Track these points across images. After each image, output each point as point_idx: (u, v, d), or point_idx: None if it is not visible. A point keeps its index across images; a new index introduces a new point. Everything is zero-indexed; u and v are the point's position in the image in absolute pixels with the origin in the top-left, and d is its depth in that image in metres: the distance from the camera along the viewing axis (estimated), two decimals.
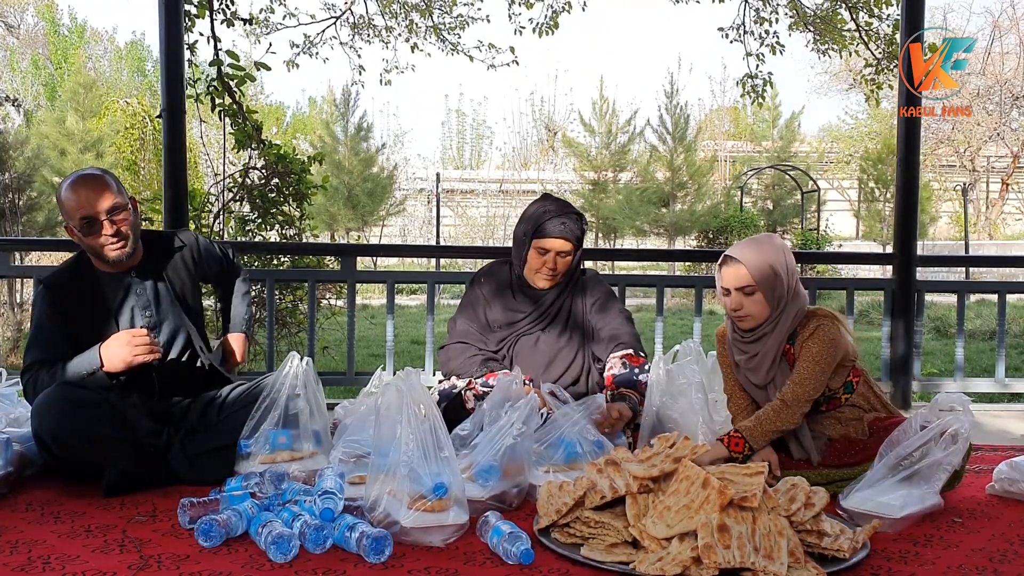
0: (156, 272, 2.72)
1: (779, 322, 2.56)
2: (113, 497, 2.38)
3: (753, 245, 2.57)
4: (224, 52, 5.56)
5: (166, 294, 2.71)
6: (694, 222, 15.70)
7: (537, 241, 2.80)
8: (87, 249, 2.61)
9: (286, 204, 5.84)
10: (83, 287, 2.63)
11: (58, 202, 2.59)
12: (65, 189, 2.56)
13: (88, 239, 2.55)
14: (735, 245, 2.62)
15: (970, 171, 21.15)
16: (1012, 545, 2.15)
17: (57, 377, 2.49)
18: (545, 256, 2.80)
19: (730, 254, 2.57)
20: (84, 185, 2.55)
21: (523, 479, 2.34)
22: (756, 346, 2.61)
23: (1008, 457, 2.69)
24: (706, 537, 1.79)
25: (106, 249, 2.56)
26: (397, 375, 2.20)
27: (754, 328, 2.58)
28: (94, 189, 2.54)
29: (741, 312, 2.55)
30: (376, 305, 12.25)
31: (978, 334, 8.71)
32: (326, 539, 2.01)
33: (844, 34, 7.30)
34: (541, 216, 2.81)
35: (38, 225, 11.67)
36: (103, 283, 2.65)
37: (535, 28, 7.51)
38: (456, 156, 27.15)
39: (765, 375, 2.60)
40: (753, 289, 2.52)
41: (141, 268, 2.69)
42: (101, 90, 18.44)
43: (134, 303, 2.66)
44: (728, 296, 2.57)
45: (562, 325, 2.93)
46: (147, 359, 2.47)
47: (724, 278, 2.56)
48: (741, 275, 2.52)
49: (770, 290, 2.52)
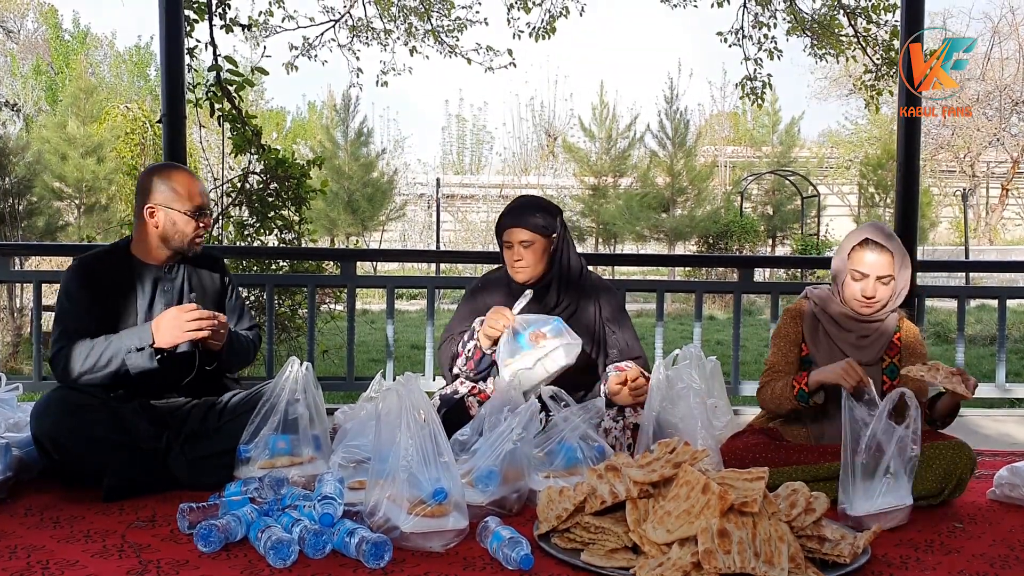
0: (186, 275, 2.77)
1: (885, 317, 2.67)
2: (112, 502, 2.37)
3: (885, 232, 2.62)
4: (223, 58, 5.58)
5: (188, 297, 2.75)
6: (694, 227, 15.71)
7: (502, 236, 2.88)
8: (167, 235, 2.66)
9: (285, 209, 5.84)
10: (118, 271, 2.67)
11: (159, 183, 2.66)
12: (183, 177, 2.68)
13: (187, 225, 2.65)
14: (871, 228, 2.64)
15: (970, 176, 21.18)
16: (1013, 551, 2.15)
17: (97, 349, 2.48)
18: (511, 249, 2.85)
19: (876, 239, 2.59)
20: (197, 179, 2.73)
21: (523, 484, 2.33)
22: (870, 327, 2.67)
23: (1009, 462, 2.69)
24: (706, 542, 1.79)
25: (195, 240, 2.69)
26: (397, 380, 2.20)
27: (873, 314, 2.66)
28: (205, 187, 2.77)
29: (875, 298, 2.60)
30: (376, 310, 12.25)
31: (978, 339, 8.71)
32: (325, 544, 2.01)
33: (841, 39, 7.32)
34: (503, 213, 2.91)
35: (38, 230, 11.66)
36: (136, 271, 2.70)
37: (532, 32, 7.54)
38: (456, 161, 27.18)
39: (876, 355, 2.67)
40: (891, 279, 2.58)
41: (174, 267, 2.75)
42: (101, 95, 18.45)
43: (160, 298, 2.70)
44: (863, 280, 2.60)
45: None
46: (198, 336, 2.49)
47: (867, 264, 2.59)
48: (887, 263, 2.58)
49: (900, 281, 2.60)
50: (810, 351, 2.73)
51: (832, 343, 2.70)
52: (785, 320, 2.81)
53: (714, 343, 8.67)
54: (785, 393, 2.63)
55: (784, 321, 2.81)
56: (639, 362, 2.89)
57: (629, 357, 2.90)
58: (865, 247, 2.61)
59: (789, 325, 2.78)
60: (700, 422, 2.60)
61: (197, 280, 2.80)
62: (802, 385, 2.58)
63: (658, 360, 2.81)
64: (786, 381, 2.65)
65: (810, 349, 2.73)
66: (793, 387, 2.60)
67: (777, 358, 2.77)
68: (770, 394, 2.69)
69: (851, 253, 2.64)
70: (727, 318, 11.17)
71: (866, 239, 2.61)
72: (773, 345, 2.81)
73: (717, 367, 3.29)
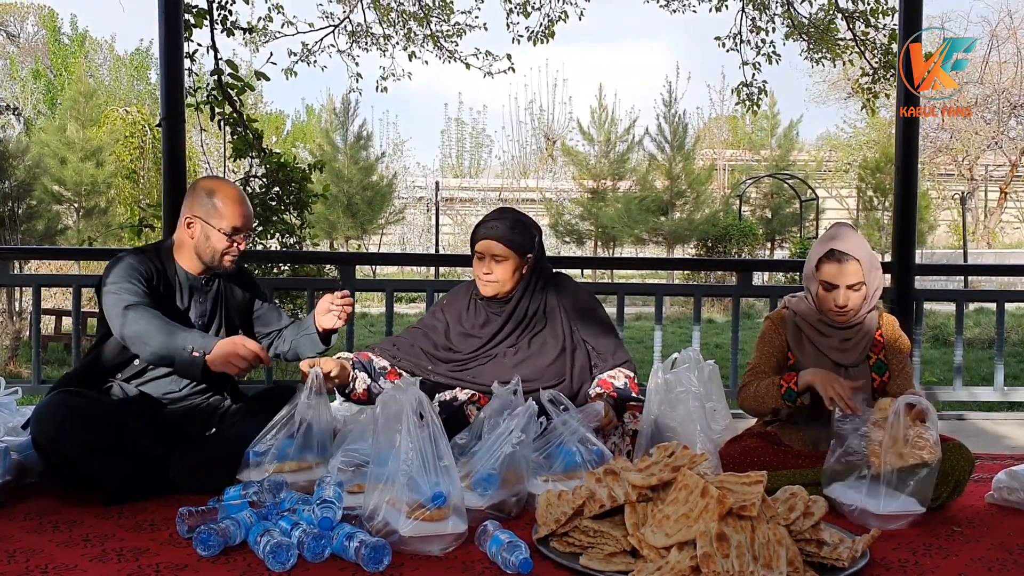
0: (221, 289, 2.79)
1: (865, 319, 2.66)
2: (112, 506, 2.37)
3: (855, 239, 2.61)
4: (224, 62, 5.58)
5: (221, 310, 2.78)
6: (693, 231, 15.72)
7: (474, 245, 2.83)
8: (199, 248, 2.67)
9: (287, 213, 5.85)
10: (162, 270, 2.68)
11: (204, 196, 2.66)
12: (229, 194, 2.68)
13: (219, 242, 2.65)
14: (834, 238, 2.63)
15: (968, 180, 21.19)
16: (1011, 554, 2.15)
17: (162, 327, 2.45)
18: (482, 260, 2.80)
19: (842, 250, 2.58)
20: (245, 200, 2.73)
21: (522, 488, 2.33)
22: (851, 330, 2.67)
23: (1007, 466, 2.69)
24: (705, 546, 1.79)
25: (227, 258, 2.69)
26: (397, 384, 2.20)
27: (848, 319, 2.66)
28: (250, 209, 2.75)
29: (847, 307, 2.59)
30: (375, 313, 12.26)
31: (977, 342, 8.71)
32: (324, 548, 2.01)
33: (838, 43, 7.35)
34: (481, 222, 2.85)
35: (38, 234, 11.66)
36: (177, 277, 2.71)
37: (531, 36, 7.56)
38: (455, 165, 27.18)
39: (860, 355, 2.68)
40: (861, 285, 2.58)
41: (210, 279, 2.76)
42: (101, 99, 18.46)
43: (194, 308, 2.72)
44: (833, 291, 2.59)
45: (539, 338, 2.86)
46: (231, 371, 2.47)
47: (835, 275, 2.58)
48: (855, 271, 2.57)
49: (875, 287, 2.61)
50: (796, 359, 2.74)
51: (817, 350, 2.71)
52: (768, 327, 2.81)
53: (713, 346, 8.68)
54: (770, 391, 2.62)
55: (767, 327, 2.81)
56: (626, 366, 2.84)
57: (614, 365, 2.84)
58: (830, 259, 2.60)
59: (772, 332, 2.78)
60: (699, 426, 2.61)
61: (231, 294, 2.81)
62: (791, 384, 2.58)
63: (657, 364, 2.80)
64: (772, 380, 2.64)
65: (796, 357, 2.74)
66: (780, 386, 2.60)
67: (759, 361, 2.77)
68: (752, 392, 2.68)
69: (818, 264, 2.64)
70: (726, 321, 11.17)
71: (831, 250, 2.61)
72: (757, 349, 2.81)
73: (716, 371, 3.30)
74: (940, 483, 2.41)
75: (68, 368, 4.57)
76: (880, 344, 2.70)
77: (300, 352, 2.86)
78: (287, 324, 2.95)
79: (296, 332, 2.89)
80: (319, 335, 2.81)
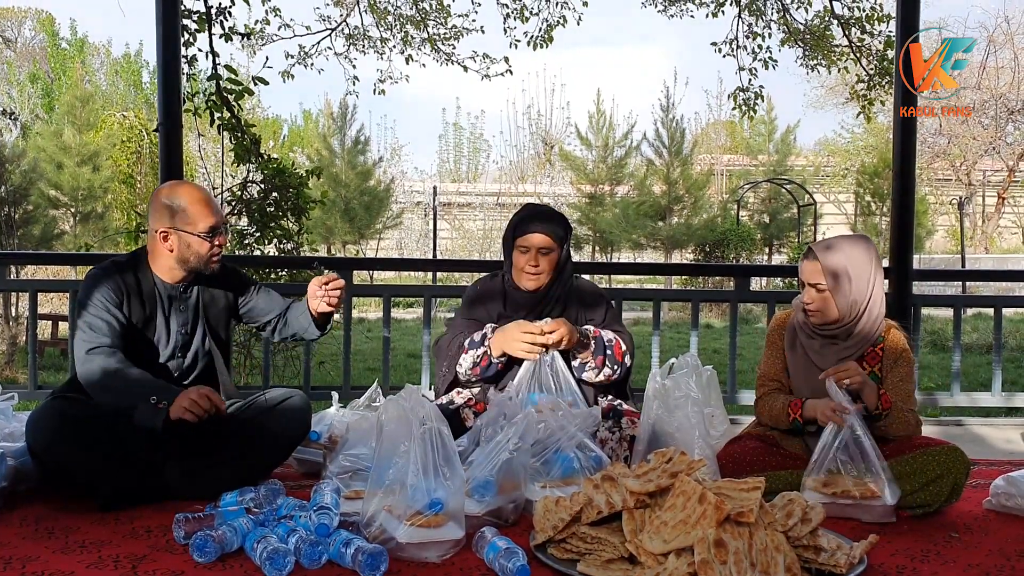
0: (199, 295, 2.74)
1: (852, 332, 2.64)
2: (108, 512, 2.36)
3: (839, 246, 2.64)
4: (223, 67, 5.58)
5: (203, 317, 2.74)
6: (690, 235, 15.74)
7: (519, 239, 2.86)
8: (183, 257, 2.61)
9: (285, 218, 5.85)
10: (138, 284, 2.62)
11: (170, 204, 2.59)
12: (194, 196, 2.60)
13: (201, 247, 2.59)
14: (828, 239, 2.71)
15: (966, 185, 21.23)
16: (1009, 560, 2.15)
17: (121, 376, 2.43)
18: (527, 254, 2.84)
19: (816, 248, 2.66)
20: (211, 197, 2.66)
21: (519, 494, 2.33)
22: (835, 338, 2.68)
23: (1005, 472, 2.69)
24: (703, 553, 1.79)
25: (212, 260, 2.63)
26: (399, 393, 2.20)
27: (822, 325, 2.66)
28: (218, 204, 2.69)
29: (811, 307, 2.64)
30: (372, 319, 12.25)
31: (975, 348, 8.72)
32: (321, 555, 2.00)
33: (834, 49, 7.37)
34: (523, 217, 2.90)
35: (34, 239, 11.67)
36: (156, 288, 2.66)
37: (529, 41, 7.56)
38: (453, 169, 27.22)
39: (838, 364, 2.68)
40: (824, 288, 2.61)
41: (189, 287, 2.71)
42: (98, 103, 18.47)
43: (175, 317, 2.68)
44: (804, 289, 2.66)
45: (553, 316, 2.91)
46: (189, 417, 2.40)
47: (802, 270, 2.66)
48: (815, 271, 2.62)
49: (840, 295, 2.60)
50: (787, 360, 2.77)
51: (805, 353, 2.73)
52: (772, 327, 2.86)
53: (711, 351, 8.68)
54: (782, 416, 2.67)
55: (771, 328, 2.87)
56: (622, 337, 2.90)
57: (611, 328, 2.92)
58: (805, 257, 2.69)
59: (775, 332, 2.84)
60: (697, 431, 2.61)
61: (210, 298, 2.77)
62: (797, 415, 2.61)
63: (655, 369, 2.80)
64: (784, 402, 2.67)
65: (787, 358, 2.77)
66: (789, 414, 2.64)
67: (768, 366, 2.81)
68: (768, 411, 2.73)
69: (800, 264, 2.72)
70: (724, 326, 11.17)
71: (810, 248, 2.69)
72: (764, 353, 2.85)
73: (714, 376, 3.29)
74: (938, 485, 2.42)
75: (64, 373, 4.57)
76: (878, 358, 2.69)
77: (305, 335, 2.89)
78: (287, 306, 2.90)
79: (296, 314, 2.86)
80: (315, 321, 2.79)
